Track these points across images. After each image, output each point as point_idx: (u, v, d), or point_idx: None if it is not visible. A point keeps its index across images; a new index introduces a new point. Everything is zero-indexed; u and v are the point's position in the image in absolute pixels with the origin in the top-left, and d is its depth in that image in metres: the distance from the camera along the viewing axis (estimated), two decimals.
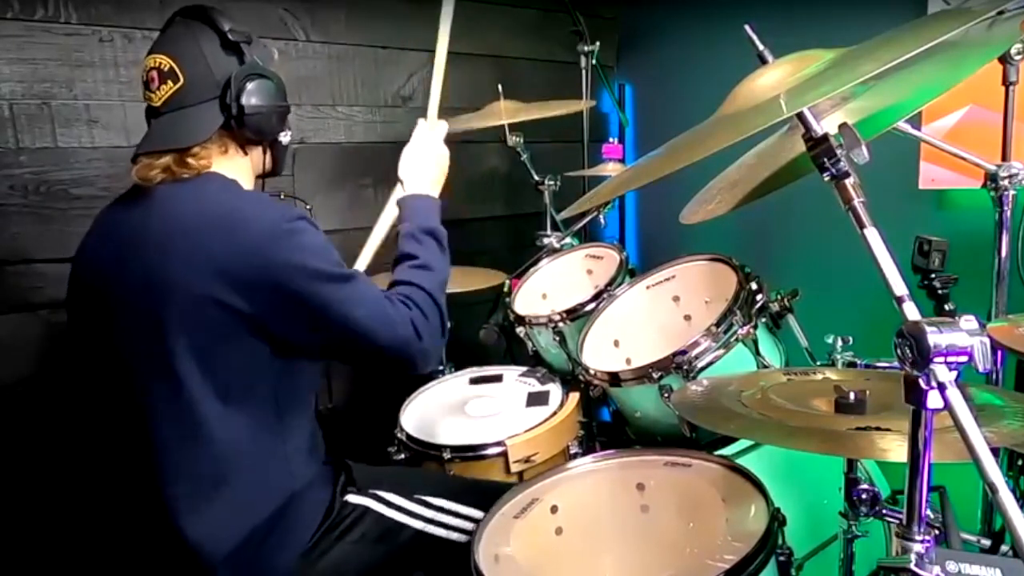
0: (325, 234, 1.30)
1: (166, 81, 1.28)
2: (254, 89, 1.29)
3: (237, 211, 1.25)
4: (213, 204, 1.26)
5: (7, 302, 1.99)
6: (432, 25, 1.86)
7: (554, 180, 2.52)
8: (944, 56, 1.08)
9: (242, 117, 1.29)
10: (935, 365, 0.73)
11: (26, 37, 1.95)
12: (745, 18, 1.09)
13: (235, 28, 1.30)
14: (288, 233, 1.23)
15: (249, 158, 1.38)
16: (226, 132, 1.31)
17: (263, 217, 1.24)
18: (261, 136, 1.35)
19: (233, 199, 1.29)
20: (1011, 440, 1.00)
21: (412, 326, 1.30)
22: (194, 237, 1.21)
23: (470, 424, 1.89)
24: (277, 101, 1.34)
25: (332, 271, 1.25)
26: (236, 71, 1.28)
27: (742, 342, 1.62)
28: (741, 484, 1.32)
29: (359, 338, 1.27)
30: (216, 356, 1.23)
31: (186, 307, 1.20)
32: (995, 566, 0.79)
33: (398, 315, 1.30)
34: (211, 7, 1.31)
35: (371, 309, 1.27)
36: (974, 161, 1.61)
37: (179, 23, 1.32)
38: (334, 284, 1.25)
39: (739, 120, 0.98)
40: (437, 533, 1.45)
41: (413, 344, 1.29)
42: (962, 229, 2.09)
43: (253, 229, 1.22)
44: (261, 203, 1.30)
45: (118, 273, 1.27)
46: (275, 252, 1.21)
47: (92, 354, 1.35)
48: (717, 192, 1.35)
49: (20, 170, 1.97)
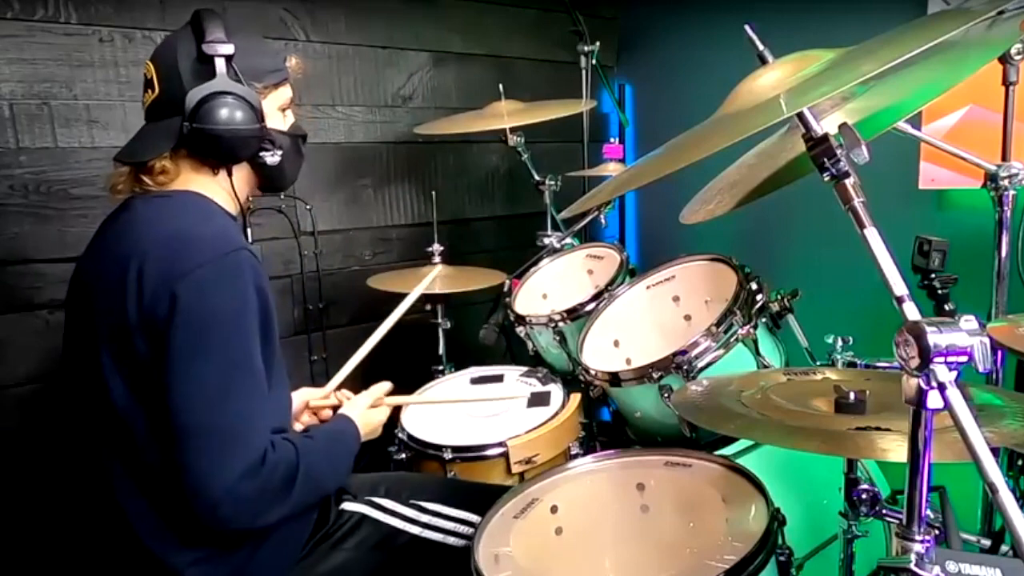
0: (324, 235, 1.28)
1: (147, 90, 1.28)
2: (211, 110, 1.21)
3: (178, 233, 1.20)
4: (167, 224, 1.22)
5: (7, 302, 2.00)
6: (432, 25, 1.85)
7: (554, 180, 2.52)
8: (944, 56, 1.08)
9: (194, 140, 1.23)
10: (935, 365, 0.73)
11: (26, 37, 1.96)
12: (745, 18, 1.09)
13: (218, 37, 1.23)
14: (208, 276, 1.14)
15: (219, 179, 1.30)
16: (189, 152, 1.26)
17: (197, 250, 1.16)
18: (220, 159, 1.28)
19: (178, 222, 1.23)
20: (1011, 440, 1.00)
21: (239, 476, 1.11)
22: (143, 255, 1.17)
23: (471, 424, 1.89)
24: (240, 124, 1.24)
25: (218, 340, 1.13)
26: (196, 88, 1.21)
27: (742, 342, 1.62)
28: (741, 484, 1.32)
29: (175, 449, 1.11)
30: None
31: (114, 322, 1.16)
32: (995, 566, 0.79)
33: (233, 468, 1.10)
34: (210, 11, 1.27)
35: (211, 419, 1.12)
36: (974, 161, 1.61)
37: (182, 27, 1.29)
38: (203, 358, 1.12)
39: (739, 120, 0.98)
40: (434, 538, 1.44)
41: (214, 489, 1.10)
42: (962, 229, 2.09)
43: (182, 256, 1.15)
44: (204, 234, 1.21)
45: (93, 282, 1.25)
46: (185, 284, 1.12)
47: (73, 361, 1.32)
48: (717, 192, 1.35)
49: (20, 170, 1.97)
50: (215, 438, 1.12)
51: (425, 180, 2.81)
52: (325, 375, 2.55)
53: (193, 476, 1.11)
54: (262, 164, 1.32)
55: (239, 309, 1.16)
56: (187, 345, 1.12)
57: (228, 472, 1.11)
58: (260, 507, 1.16)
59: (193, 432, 1.11)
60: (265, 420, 1.19)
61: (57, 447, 2.07)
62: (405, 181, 2.77)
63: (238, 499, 1.12)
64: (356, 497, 1.46)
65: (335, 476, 1.33)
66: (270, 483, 1.15)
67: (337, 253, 2.60)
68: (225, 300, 1.15)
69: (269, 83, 1.32)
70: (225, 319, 1.14)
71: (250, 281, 1.17)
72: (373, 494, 1.47)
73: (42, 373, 2.05)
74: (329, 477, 1.30)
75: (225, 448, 1.12)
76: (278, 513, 1.18)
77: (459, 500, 1.49)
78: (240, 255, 1.17)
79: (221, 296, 1.15)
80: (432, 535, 1.44)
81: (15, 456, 2.02)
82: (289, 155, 1.36)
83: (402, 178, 2.76)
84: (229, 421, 1.13)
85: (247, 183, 1.36)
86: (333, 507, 1.42)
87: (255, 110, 1.26)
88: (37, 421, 2.04)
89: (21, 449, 2.03)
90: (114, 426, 1.20)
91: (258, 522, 1.16)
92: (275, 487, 1.16)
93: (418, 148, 2.76)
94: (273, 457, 1.16)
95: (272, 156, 1.31)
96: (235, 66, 1.25)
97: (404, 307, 1.74)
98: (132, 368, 1.17)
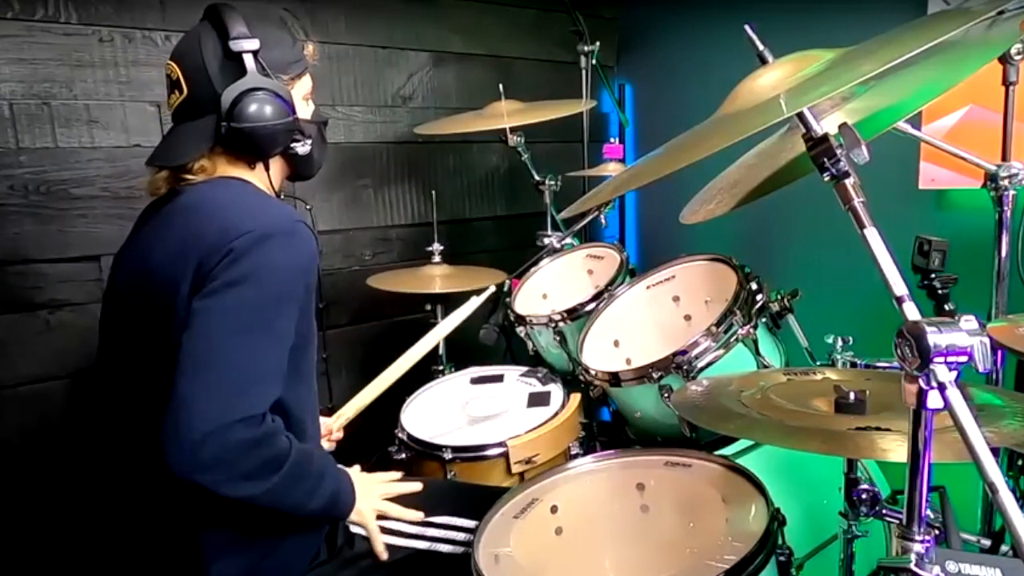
0: (324, 235, 1.28)
1: (174, 91, 1.28)
2: (246, 107, 1.23)
3: (237, 203, 1.23)
4: (221, 198, 1.25)
5: (7, 302, 1.99)
6: (432, 25, 1.85)
7: (554, 180, 2.52)
8: (944, 56, 1.08)
9: (232, 138, 1.24)
10: (935, 365, 0.73)
11: (26, 37, 1.96)
12: (745, 18, 1.09)
13: (242, 33, 1.23)
14: (269, 234, 1.15)
15: (257, 172, 1.33)
16: (225, 149, 1.28)
17: (262, 216, 1.19)
18: (258, 155, 1.30)
19: (241, 197, 1.26)
20: (1011, 440, 1.00)
21: (237, 420, 1.07)
22: (199, 228, 1.18)
23: (471, 424, 1.89)
24: (275, 118, 1.25)
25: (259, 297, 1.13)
26: (230, 87, 1.22)
27: (742, 342, 1.62)
28: (741, 484, 1.32)
29: (176, 381, 1.08)
30: None
31: (168, 297, 1.16)
32: (995, 566, 0.79)
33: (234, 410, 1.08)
34: (227, 5, 1.26)
35: (226, 357, 1.10)
36: (974, 161, 1.61)
37: (199, 24, 1.29)
38: (235, 297, 1.11)
39: (739, 120, 0.98)
40: (443, 550, 1.41)
41: (208, 424, 1.06)
42: (962, 229, 2.09)
43: (245, 218, 1.17)
44: (269, 208, 1.24)
45: (146, 264, 1.25)
46: (242, 240, 1.13)
47: (114, 345, 1.33)
48: (717, 192, 1.35)
49: (20, 170, 1.97)
50: (229, 378, 1.10)
51: (425, 180, 2.81)
52: (325, 375, 2.56)
53: (189, 406, 1.06)
54: (294, 154, 1.34)
55: (289, 271, 1.16)
56: (227, 283, 1.11)
57: (228, 412, 1.07)
58: (238, 467, 1.09)
59: (207, 365, 1.09)
60: (275, 389, 1.15)
61: (56, 448, 2.07)
62: (405, 181, 2.77)
63: (226, 445, 1.07)
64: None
65: (306, 503, 1.23)
66: (261, 448, 1.11)
67: (337, 253, 2.60)
68: (279, 257, 1.15)
69: (293, 73, 1.33)
70: (275, 276, 1.15)
71: (306, 252, 1.19)
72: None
73: (42, 373, 2.05)
74: (302, 498, 1.22)
75: (233, 391, 1.09)
76: (247, 490, 1.11)
77: (467, 507, 1.45)
78: (302, 227, 1.20)
79: (275, 252, 1.15)
80: (441, 547, 1.41)
81: (15, 456, 2.02)
82: (317, 143, 1.39)
83: (402, 178, 2.76)
84: (244, 368, 1.11)
85: (280, 173, 1.39)
86: (341, 524, 1.38)
87: (287, 103, 1.28)
88: (37, 421, 2.04)
89: (21, 449, 2.02)
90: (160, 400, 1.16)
91: (225, 486, 1.09)
92: (262, 456, 1.12)
93: (418, 148, 2.76)
94: (272, 426, 1.14)
95: (303, 146, 1.34)
96: (261, 60, 1.26)
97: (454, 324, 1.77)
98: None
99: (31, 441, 2.04)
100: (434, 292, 2.31)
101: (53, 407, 2.07)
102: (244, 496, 1.12)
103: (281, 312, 1.16)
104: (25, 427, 2.03)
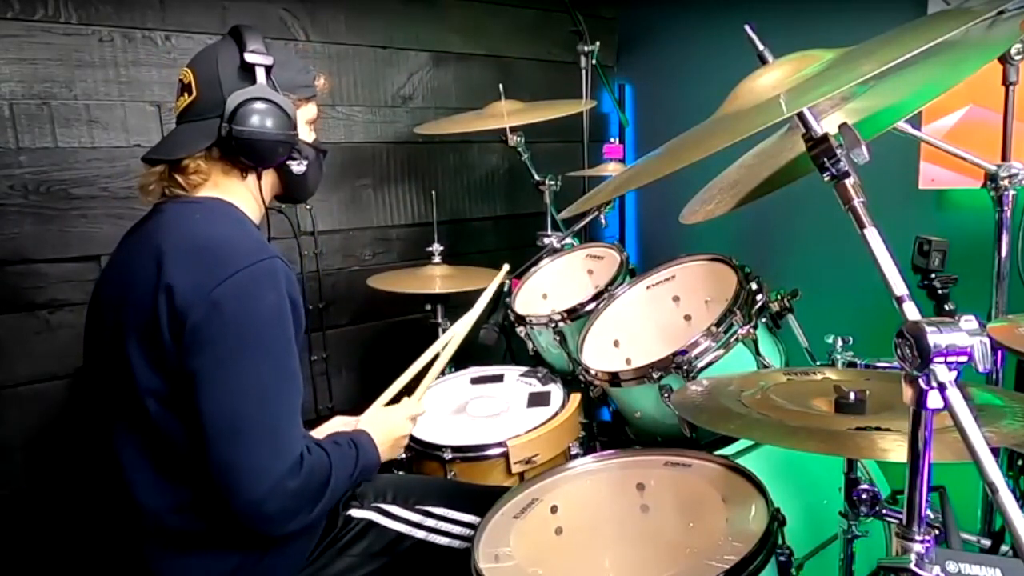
0: (324, 235, 1.29)
1: (183, 94, 1.31)
2: (249, 113, 1.26)
3: (212, 240, 1.22)
4: (199, 228, 1.25)
5: (7, 302, 2.00)
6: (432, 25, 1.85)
7: (554, 180, 2.52)
8: (944, 56, 1.08)
9: (231, 139, 1.26)
10: (935, 365, 0.73)
11: (26, 37, 1.96)
12: (745, 18, 1.09)
13: (259, 49, 1.28)
14: (248, 281, 1.16)
15: (248, 183, 1.34)
16: (222, 153, 1.30)
17: (234, 256, 1.19)
18: (254, 162, 1.31)
19: (212, 229, 1.25)
20: (1011, 440, 1.00)
21: (285, 473, 1.14)
22: (175, 254, 1.19)
23: (471, 424, 1.89)
24: (275, 129, 1.28)
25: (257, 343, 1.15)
26: (236, 92, 1.26)
27: (742, 342, 1.62)
28: (741, 484, 1.32)
29: (214, 445, 1.13)
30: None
31: (142, 322, 1.18)
32: (995, 566, 0.79)
33: (281, 462, 1.14)
34: (249, 26, 1.31)
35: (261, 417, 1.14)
36: (974, 161, 1.61)
37: (221, 39, 1.33)
38: (249, 359, 1.15)
39: (739, 120, 0.98)
40: (439, 542, 1.45)
41: (263, 485, 1.12)
42: (962, 229, 2.09)
43: (220, 261, 1.17)
44: (240, 241, 1.24)
45: (123, 279, 1.26)
46: (224, 289, 1.14)
47: (96, 351, 1.34)
48: (717, 192, 1.35)
49: (20, 170, 1.97)
50: (265, 436, 1.14)
51: (425, 180, 2.81)
52: (325, 375, 2.56)
53: (239, 473, 1.12)
54: (288, 172, 1.36)
55: (279, 313, 1.19)
56: (234, 347, 1.14)
57: (276, 469, 1.14)
58: (298, 507, 1.18)
59: (241, 430, 1.13)
60: (300, 421, 1.22)
61: (56, 448, 2.07)
62: (405, 181, 2.77)
63: (284, 496, 1.14)
64: (363, 503, 1.45)
65: (348, 486, 1.33)
66: (308, 485, 1.18)
67: (337, 253, 2.60)
68: (267, 303, 1.18)
69: (301, 96, 1.37)
70: (268, 321, 1.17)
71: (284, 288, 1.20)
72: (381, 500, 1.47)
73: (42, 373, 2.05)
74: (345, 486, 1.31)
75: (273, 446, 1.15)
76: (306, 518, 1.20)
77: (464, 503, 1.49)
78: (275, 263, 1.21)
79: (262, 300, 1.17)
80: (437, 539, 1.45)
81: (15, 456, 2.02)
82: (313, 167, 1.41)
83: (402, 178, 2.76)
84: (274, 420, 1.16)
85: (271, 190, 1.40)
86: (340, 513, 1.42)
87: (289, 118, 1.31)
88: (37, 421, 2.04)
89: (21, 449, 2.03)
90: (134, 407, 1.22)
91: (291, 525, 1.18)
92: (312, 489, 1.20)
93: (418, 148, 2.76)
94: (309, 460, 1.20)
95: (299, 165, 1.37)
96: (273, 77, 1.30)
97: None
98: (157, 353, 1.18)
99: (31, 441, 2.04)
100: (434, 292, 2.30)
101: (53, 407, 2.07)
102: (308, 523, 1.22)
103: (288, 353, 1.20)
104: (25, 427, 2.03)
